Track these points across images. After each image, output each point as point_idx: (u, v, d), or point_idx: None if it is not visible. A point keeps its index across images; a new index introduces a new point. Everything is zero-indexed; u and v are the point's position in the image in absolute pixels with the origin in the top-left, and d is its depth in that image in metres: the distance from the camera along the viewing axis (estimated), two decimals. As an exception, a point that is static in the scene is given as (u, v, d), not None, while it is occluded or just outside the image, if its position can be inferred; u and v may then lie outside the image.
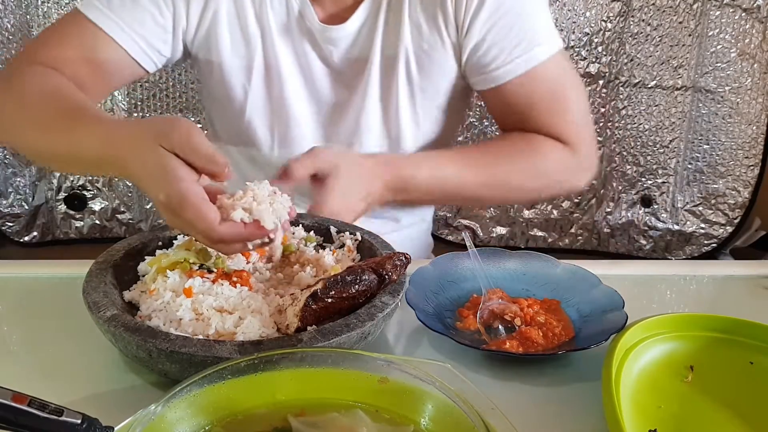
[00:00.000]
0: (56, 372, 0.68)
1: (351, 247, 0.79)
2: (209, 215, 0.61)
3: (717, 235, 1.65)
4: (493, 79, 0.97)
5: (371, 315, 0.63)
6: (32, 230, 1.62)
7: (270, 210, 0.64)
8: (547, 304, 0.77)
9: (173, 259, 0.70)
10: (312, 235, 0.81)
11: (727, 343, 0.71)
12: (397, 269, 0.69)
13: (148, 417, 0.49)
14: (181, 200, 0.61)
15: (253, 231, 0.63)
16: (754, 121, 1.56)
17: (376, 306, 0.64)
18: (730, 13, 1.50)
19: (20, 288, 0.86)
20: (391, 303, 0.65)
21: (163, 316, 0.65)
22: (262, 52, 0.98)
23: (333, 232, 0.81)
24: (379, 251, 0.75)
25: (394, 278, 0.68)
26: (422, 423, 0.54)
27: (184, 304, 0.65)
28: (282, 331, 0.65)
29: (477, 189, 1.00)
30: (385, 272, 0.68)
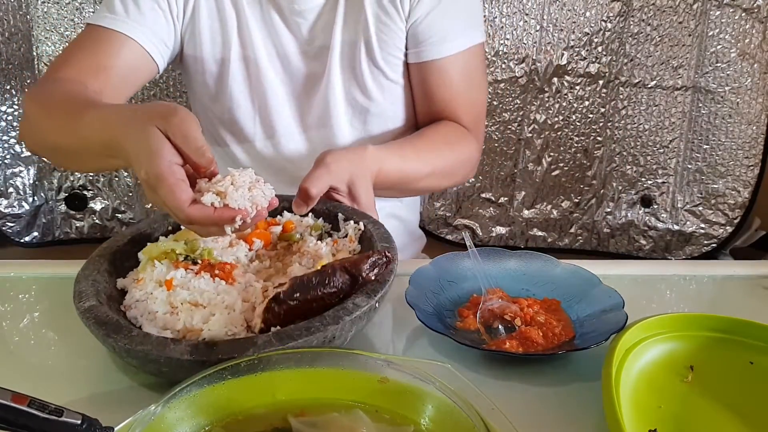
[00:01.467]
0: (56, 372, 0.68)
1: (353, 237, 0.77)
2: (181, 196, 0.62)
3: (717, 235, 1.65)
4: (425, 54, 1.03)
5: (336, 318, 0.60)
6: (32, 230, 1.62)
7: (247, 196, 0.64)
8: (547, 304, 0.77)
9: (162, 248, 0.71)
10: (319, 223, 0.80)
11: (727, 343, 0.71)
12: (375, 269, 0.65)
13: (148, 417, 0.49)
14: (157, 177, 0.62)
15: (221, 215, 0.63)
16: (754, 121, 1.56)
17: (346, 308, 0.61)
18: (730, 13, 1.50)
19: (20, 288, 0.86)
20: (364, 305, 0.62)
21: (141, 307, 0.65)
22: (237, 33, 1.02)
23: (340, 219, 0.80)
24: (376, 244, 0.73)
25: (369, 279, 0.65)
26: (422, 423, 0.54)
27: (160, 297, 0.65)
28: (251, 330, 0.64)
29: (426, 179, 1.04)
30: (359, 273, 0.64)
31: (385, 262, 0.66)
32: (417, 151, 1.02)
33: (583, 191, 1.67)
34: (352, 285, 0.64)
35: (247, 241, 0.75)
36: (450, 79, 1.05)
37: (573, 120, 1.61)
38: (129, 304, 0.67)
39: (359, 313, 0.61)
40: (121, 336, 0.58)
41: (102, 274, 0.69)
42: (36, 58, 1.51)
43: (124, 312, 0.67)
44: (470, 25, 1.07)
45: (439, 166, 1.05)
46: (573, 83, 1.58)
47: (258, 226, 0.77)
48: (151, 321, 0.64)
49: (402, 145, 1.02)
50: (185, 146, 0.63)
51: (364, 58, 1.03)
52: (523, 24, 1.54)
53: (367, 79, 1.04)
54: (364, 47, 1.02)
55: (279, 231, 0.79)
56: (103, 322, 0.60)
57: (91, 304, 0.63)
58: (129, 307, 0.66)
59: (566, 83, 1.58)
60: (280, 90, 1.06)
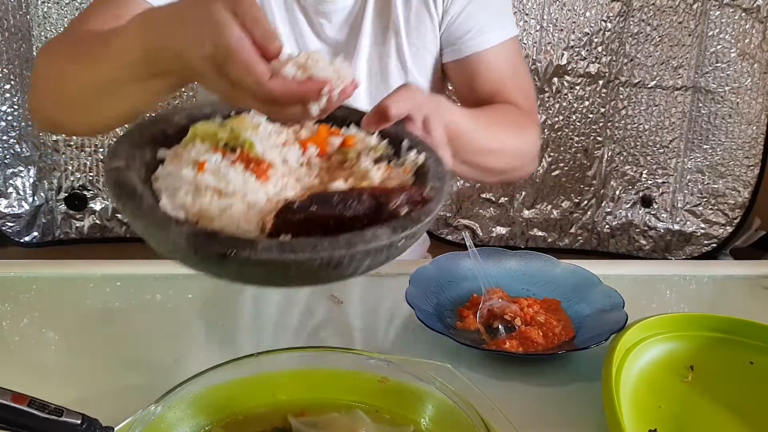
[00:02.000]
0: (56, 372, 0.68)
1: (408, 167, 0.68)
2: (258, 67, 0.55)
3: (717, 235, 1.65)
4: (466, 48, 1.01)
5: (349, 243, 0.52)
6: (32, 230, 1.62)
7: (330, 68, 0.58)
8: (547, 304, 0.77)
9: (208, 129, 0.64)
10: (382, 145, 0.71)
11: (727, 343, 0.71)
12: (407, 205, 0.58)
13: (148, 417, 0.49)
14: (228, 50, 0.55)
15: (307, 87, 0.56)
16: (754, 121, 1.56)
17: (363, 236, 0.53)
18: (730, 13, 1.50)
19: (20, 288, 0.86)
20: (384, 238, 0.55)
21: (168, 181, 0.60)
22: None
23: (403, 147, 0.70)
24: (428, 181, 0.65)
25: (397, 213, 0.57)
26: (422, 423, 0.54)
27: (188, 176, 0.59)
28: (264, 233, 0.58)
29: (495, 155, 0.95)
30: (390, 202, 0.57)
31: (420, 200, 0.59)
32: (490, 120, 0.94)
33: (583, 191, 1.67)
34: (376, 215, 0.57)
35: (302, 145, 0.68)
36: (496, 70, 1.02)
37: (573, 120, 1.61)
38: (159, 175, 0.62)
39: (376, 245, 0.53)
40: (132, 203, 0.55)
41: (145, 138, 0.64)
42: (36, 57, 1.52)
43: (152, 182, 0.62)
44: (506, 18, 1.05)
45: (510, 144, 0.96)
46: (573, 83, 1.58)
47: (318, 133, 0.70)
48: (171, 197, 0.58)
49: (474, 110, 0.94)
50: (255, 28, 0.56)
51: (394, 62, 1.01)
52: (523, 24, 1.54)
53: (394, 82, 1.02)
54: (395, 51, 1.01)
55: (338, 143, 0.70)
56: (121, 184, 0.56)
57: (118, 164, 0.58)
58: (157, 178, 0.62)
59: (566, 83, 1.58)
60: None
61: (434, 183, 0.64)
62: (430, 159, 0.68)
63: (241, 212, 0.57)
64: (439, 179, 0.66)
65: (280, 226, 0.56)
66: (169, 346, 0.74)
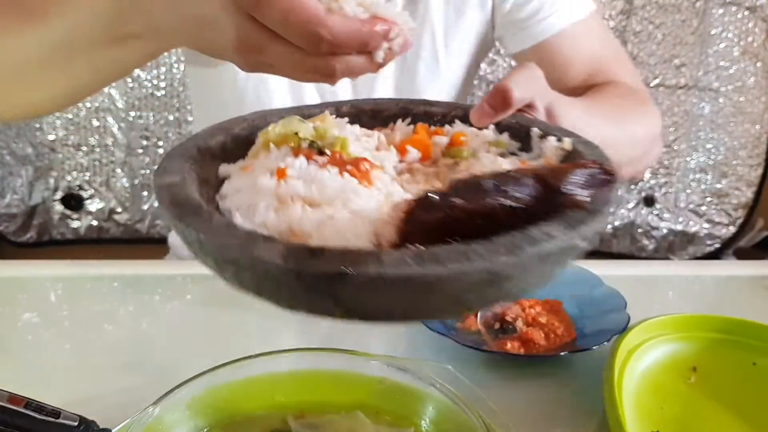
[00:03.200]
0: (53, 373, 0.68)
1: (551, 158, 0.52)
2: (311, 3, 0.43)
3: (720, 235, 1.65)
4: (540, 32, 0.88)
5: (512, 247, 0.37)
6: (29, 231, 1.62)
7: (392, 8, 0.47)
8: (549, 305, 0.77)
9: (284, 130, 0.51)
10: (503, 139, 0.56)
11: (731, 344, 0.70)
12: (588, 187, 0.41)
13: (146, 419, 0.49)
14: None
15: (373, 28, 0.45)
16: (757, 120, 1.56)
17: (530, 236, 0.38)
18: (733, 11, 1.50)
19: (17, 288, 0.85)
20: (559, 237, 0.38)
21: (239, 198, 0.47)
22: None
23: (534, 135, 0.55)
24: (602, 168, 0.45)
25: (575, 200, 0.40)
26: (422, 425, 0.53)
27: (266, 187, 0.46)
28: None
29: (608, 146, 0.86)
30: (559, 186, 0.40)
31: (605, 179, 0.41)
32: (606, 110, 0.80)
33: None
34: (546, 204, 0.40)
35: (399, 150, 0.54)
36: (589, 43, 0.88)
37: (574, 119, 1.60)
38: (225, 192, 0.49)
39: (551, 247, 0.38)
40: (199, 221, 0.41)
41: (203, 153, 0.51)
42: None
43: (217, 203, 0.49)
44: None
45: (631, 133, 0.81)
46: (574, 82, 1.58)
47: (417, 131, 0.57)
48: (247, 216, 0.45)
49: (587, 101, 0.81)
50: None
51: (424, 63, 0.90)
52: (524, 23, 1.53)
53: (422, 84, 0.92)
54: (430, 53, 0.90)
55: (444, 143, 0.56)
56: (181, 202, 0.43)
57: (172, 180, 0.45)
58: (224, 196, 0.49)
59: (568, 82, 1.57)
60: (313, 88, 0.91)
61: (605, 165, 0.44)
62: (580, 144, 0.52)
63: (346, 223, 0.43)
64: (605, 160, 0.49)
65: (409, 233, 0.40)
66: (168, 347, 0.73)
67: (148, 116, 1.52)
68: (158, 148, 1.54)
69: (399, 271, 0.35)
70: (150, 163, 1.55)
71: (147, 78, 1.49)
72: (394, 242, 0.41)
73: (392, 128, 0.58)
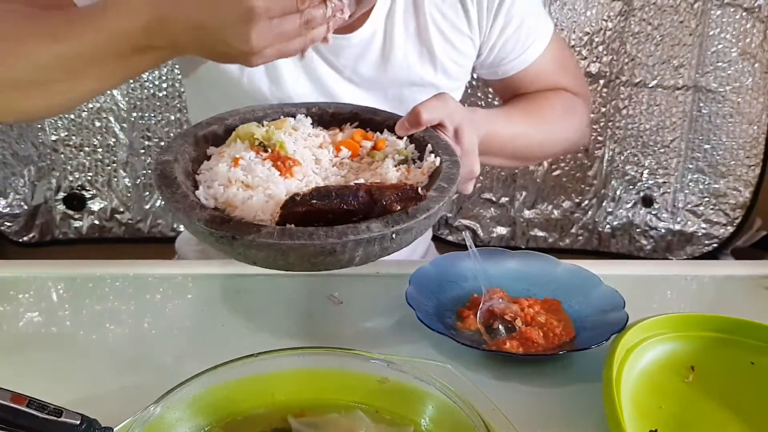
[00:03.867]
0: (55, 372, 0.68)
1: (425, 170, 0.73)
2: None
3: (718, 235, 1.65)
4: (509, 70, 1.00)
5: (341, 233, 0.60)
6: (31, 230, 1.62)
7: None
8: (548, 304, 0.77)
9: (248, 130, 0.73)
10: (406, 150, 0.76)
11: (728, 343, 0.70)
12: (401, 202, 0.63)
13: (147, 417, 0.49)
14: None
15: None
16: (755, 120, 1.56)
17: (356, 228, 0.61)
18: (731, 12, 1.50)
19: (19, 288, 0.85)
20: (376, 231, 0.61)
21: (208, 175, 0.70)
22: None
23: (427, 151, 0.75)
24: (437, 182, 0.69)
25: (393, 208, 0.63)
26: (422, 424, 0.53)
27: (222, 170, 0.68)
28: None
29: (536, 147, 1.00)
30: (383, 199, 0.62)
31: (414, 197, 0.64)
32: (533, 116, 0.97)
33: (583, 191, 1.66)
34: (371, 209, 0.63)
35: (336, 148, 0.76)
36: (543, 74, 1.02)
37: (574, 120, 1.61)
38: (202, 169, 0.72)
39: (367, 236, 0.60)
40: (168, 190, 0.65)
41: (199, 138, 0.75)
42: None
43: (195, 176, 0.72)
44: (540, 24, 1.01)
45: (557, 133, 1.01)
46: (573, 83, 1.58)
47: (352, 137, 0.78)
48: (208, 189, 0.68)
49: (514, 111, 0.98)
50: None
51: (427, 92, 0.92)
52: (523, 24, 1.53)
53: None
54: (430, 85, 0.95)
55: (369, 146, 0.77)
56: (164, 175, 0.67)
57: (167, 158, 0.69)
58: (201, 171, 0.72)
59: (567, 83, 1.58)
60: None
61: (441, 183, 0.68)
62: (446, 162, 0.72)
63: (260, 203, 0.65)
64: (447, 181, 0.69)
65: (286, 216, 0.62)
66: (169, 346, 0.74)
67: (150, 117, 1.52)
68: (160, 148, 1.54)
69: (265, 240, 0.59)
70: (152, 163, 1.55)
71: (149, 79, 1.50)
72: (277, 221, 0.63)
73: (343, 129, 0.80)
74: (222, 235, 0.60)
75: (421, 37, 0.94)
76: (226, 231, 0.60)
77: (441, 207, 0.66)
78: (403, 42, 0.93)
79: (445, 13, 0.93)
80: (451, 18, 0.94)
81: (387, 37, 0.92)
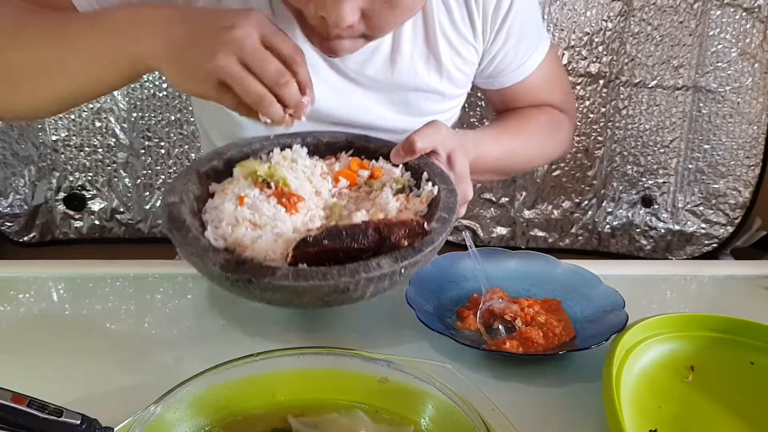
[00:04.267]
0: (56, 372, 0.68)
1: (424, 199, 0.75)
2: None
3: (718, 235, 1.65)
4: (506, 81, 1.02)
5: (353, 272, 0.61)
6: (31, 230, 1.62)
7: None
8: (548, 304, 0.77)
9: (251, 167, 0.74)
10: (402, 178, 0.78)
11: (728, 343, 0.71)
12: (407, 237, 0.65)
13: (148, 417, 0.49)
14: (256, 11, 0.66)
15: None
16: (755, 120, 1.56)
17: (367, 266, 0.62)
18: (730, 12, 1.50)
19: (20, 288, 0.85)
20: (386, 267, 0.63)
21: (214, 214, 0.71)
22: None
23: (423, 179, 0.77)
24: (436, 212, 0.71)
25: (400, 244, 0.65)
26: (422, 423, 0.53)
27: (229, 209, 0.69)
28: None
29: (523, 163, 1.04)
30: (390, 236, 0.64)
31: (420, 232, 0.65)
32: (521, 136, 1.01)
33: (583, 191, 1.67)
34: (381, 246, 0.64)
35: (334, 179, 0.77)
36: (533, 91, 1.05)
37: (573, 120, 1.61)
38: (207, 208, 0.72)
39: (378, 273, 0.62)
40: (180, 234, 0.66)
41: (201, 175, 0.75)
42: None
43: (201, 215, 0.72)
44: (539, 38, 1.03)
45: (542, 151, 1.05)
46: (573, 83, 1.58)
47: (349, 166, 0.79)
48: (216, 228, 0.68)
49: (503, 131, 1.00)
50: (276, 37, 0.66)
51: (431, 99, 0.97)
52: (523, 24, 1.53)
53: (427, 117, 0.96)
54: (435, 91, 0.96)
55: (366, 176, 0.79)
56: (174, 217, 0.67)
57: (173, 200, 0.69)
58: (206, 210, 0.72)
59: (567, 83, 1.58)
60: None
61: (442, 214, 0.71)
62: (444, 191, 0.74)
63: (269, 242, 0.66)
64: (447, 211, 0.71)
65: (298, 257, 0.63)
66: (169, 346, 0.74)
67: (150, 117, 1.52)
68: (160, 148, 1.54)
69: (282, 282, 0.60)
70: (152, 163, 1.55)
71: (149, 79, 1.50)
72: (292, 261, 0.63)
73: (338, 157, 0.81)
74: (238, 278, 0.61)
75: (429, 44, 0.94)
76: (242, 274, 0.61)
77: (444, 238, 0.68)
78: (410, 47, 0.93)
79: (453, 20, 0.94)
80: (459, 26, 0.94)
81: (395, 42, 0.92)
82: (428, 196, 0.75)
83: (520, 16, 0.96)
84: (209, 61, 0.64)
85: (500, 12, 0.94)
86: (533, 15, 1.03)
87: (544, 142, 1.06)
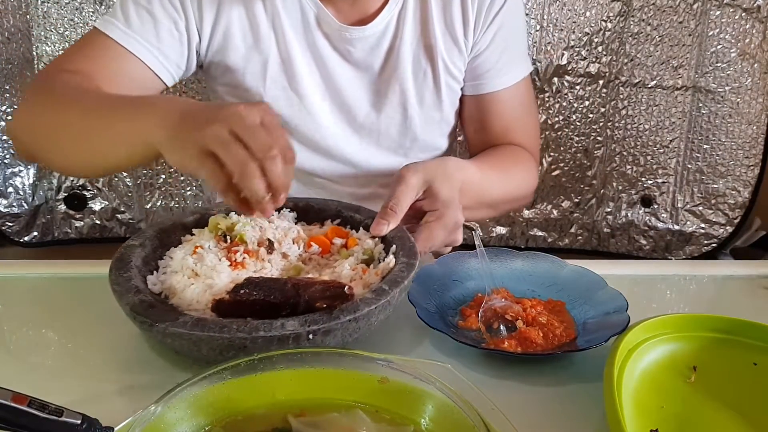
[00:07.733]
0: (56, 372, 0.68)
1: (379, 271, 0.72)
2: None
3: (717, 235, 1.65)
4: (484, 87, 1.04)
5: (251, 329, 0.59)
6: (32, 230, 1.62)
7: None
8: (552, 305, 0.77)
9: (215, 221, 0.77)
10: (372, 250, 0.77)
11: (730, 343, 0.70)
12: (326, 300, 0.63)
13: (148, 417, 0.49)
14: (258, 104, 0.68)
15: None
16: (754, 121, 1.56)
17: (268, 324, 0.60)
18: (730, 12, 1.50)
19: (20, 288, 0.85)
20: (288, 329, 0.60)
21: (167, 260, 0.74)
22: (277, 54, 0.98)
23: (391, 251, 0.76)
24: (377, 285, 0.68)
25: (318, 306, 0.63)
26: (422, 423, 0.53)
27: (178, 257, 0.73)
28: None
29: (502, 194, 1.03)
30: (306, 294, 0.63)
31: (339, 295, 0.63)
32: (498, 170, 1.01)
33: (583, 191, 1.67)
34: (297, 303, 0.63)
35: (307, 243, 0.78)
36: (507, 110, 1.06)
37: (573, 120, 1.61)
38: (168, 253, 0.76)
39: (278, 333, 0.59)
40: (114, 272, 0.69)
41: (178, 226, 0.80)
42: (36, 58, 1.51)
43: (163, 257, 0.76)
44: (522, 56, 1.08)
45: (516, 189, 1.06)
46: (573, 83, 1.58)
47: (327, 233, 0.81)
48: (162, 273, 0.72)
49: (484, 161, 1.01)
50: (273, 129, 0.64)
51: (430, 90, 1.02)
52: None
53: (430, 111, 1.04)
54: (432, 81, 1.02)
55: (340, 243, 0.79)
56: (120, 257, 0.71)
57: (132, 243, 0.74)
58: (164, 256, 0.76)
59: (566, 83, 1.58)
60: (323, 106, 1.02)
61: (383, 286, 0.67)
62: (401, 265, 0.72)
63: (197, 291, 0.68)
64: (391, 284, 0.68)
65: (216, 306, 0.64)
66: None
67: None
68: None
69: (176, 329, 0.60)
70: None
71: (148, 79, 1.50)
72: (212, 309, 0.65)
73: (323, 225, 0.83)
74: (142, 321, 0.62)
75: (427, 37, 1.00)
76: (146, 318, 0.61)
77: (374, 310, 0.64)
78: (410, 39, 0.99)
79: (451, 15, 1.00)
80: (454, 22, 1.00)
81: (398, 32, 0.99)
82: (384, 268, 0.72)
83: (508, 23, 1.02)
84: (200, 131, 0.63)
85: (493, 9, 1.00)
86: (520, 32, 1.08)
87: (518, 176, 1.06)
